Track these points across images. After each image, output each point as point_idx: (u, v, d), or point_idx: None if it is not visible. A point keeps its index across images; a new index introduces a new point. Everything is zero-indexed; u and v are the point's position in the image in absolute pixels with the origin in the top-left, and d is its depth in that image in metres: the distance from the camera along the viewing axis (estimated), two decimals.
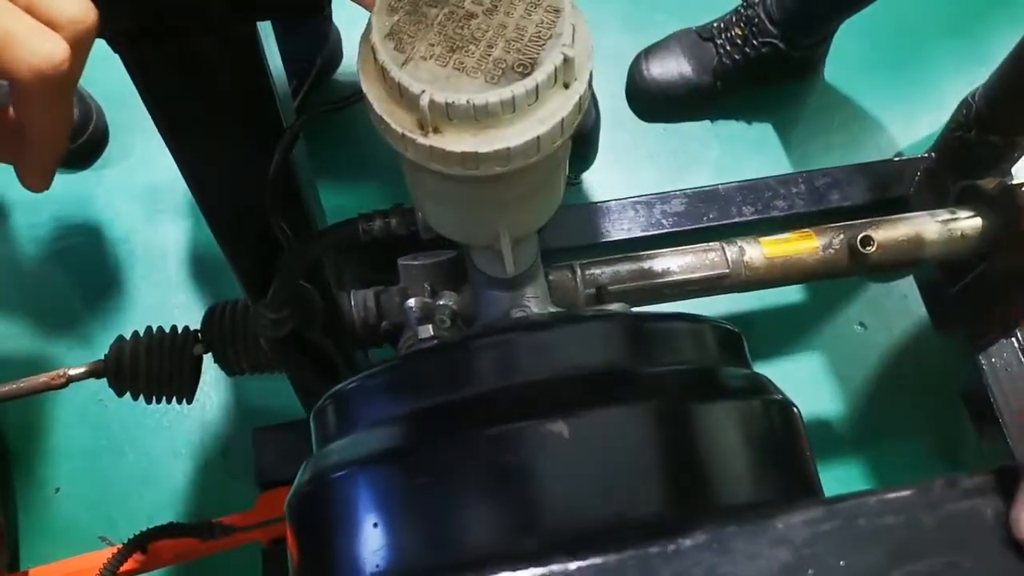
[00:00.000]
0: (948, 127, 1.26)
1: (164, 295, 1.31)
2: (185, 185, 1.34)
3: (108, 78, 1.44)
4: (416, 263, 0.99)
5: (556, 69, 0.39)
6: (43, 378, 0.88)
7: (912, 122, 1.49)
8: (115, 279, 1.33)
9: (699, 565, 0.27)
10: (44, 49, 0.31)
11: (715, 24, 1.45)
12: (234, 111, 0.46)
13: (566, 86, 0.40)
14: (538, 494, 0.36)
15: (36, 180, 0.35)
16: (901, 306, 1.38)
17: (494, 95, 0.38)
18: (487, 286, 0.51)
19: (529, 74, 0.39)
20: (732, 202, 1.18)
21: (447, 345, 0.44)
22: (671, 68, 1.45)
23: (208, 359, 0.95)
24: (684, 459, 0.36)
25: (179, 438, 1.27)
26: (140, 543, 0.91)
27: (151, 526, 1.09)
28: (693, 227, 1.17)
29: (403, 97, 0.39)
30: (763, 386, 0.43)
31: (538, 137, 0.40)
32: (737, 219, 1.17)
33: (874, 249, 1.00)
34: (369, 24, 0.41)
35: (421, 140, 0.40)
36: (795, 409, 0.44)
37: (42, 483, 1.22)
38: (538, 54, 0.39)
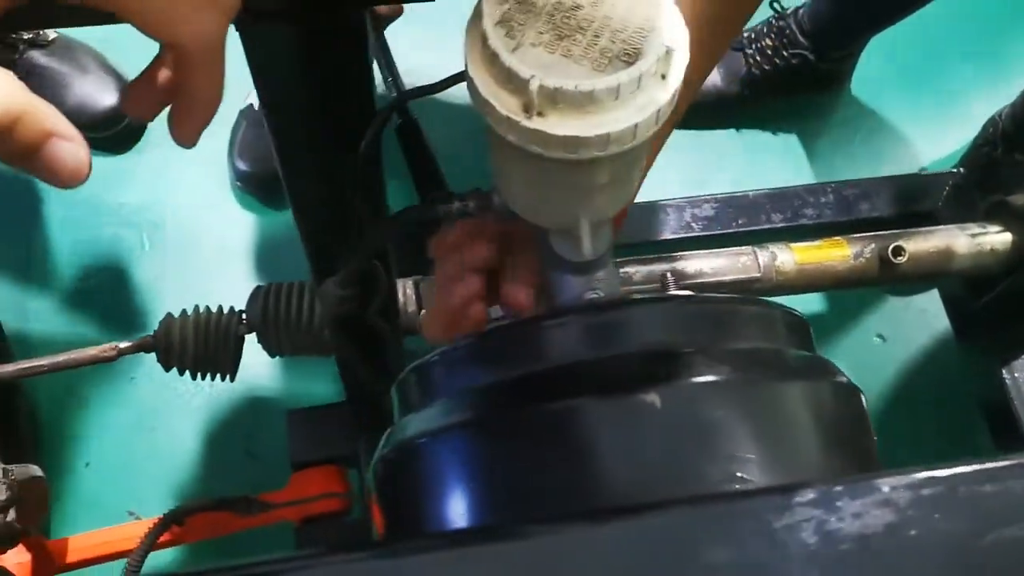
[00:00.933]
0: (975, 144, 1.29)
1: (199, 280, 1.33)
2: (226, 169, 1.36)
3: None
4: None
5: (658, 60, 0.41)
6: (93, 351, 0.90)
7: (936, 138, 1.52)
8: (151, 263, 1.35)
9: (809, 520, 0.29)
10: (203, 21, 0.34)
11: (745, 34, 1.48)
12: (336, 91, 0.48)
13: (663, 77, 0.42)
14: (636, 457, 0.38)
15: (189, 136, 0.38)
16: (920, 320, 1.40)
17: (601, 82, 0.40)
18: (562, 268, 0.54)
19: (633, 63, 0.41)
20: (761, 209, 1.21)
21: (538, 318, 0.46)
22: None
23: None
24: (771, 431, 0.38)
25: (205, 418, 1.29)
26: (180, 515, 0.93)
27: (181, 501, 1.11)
28: (722, 232, 1.20)
29: (510, 81, 0.41)
30: (834, 370, 0.45)
31: (636, 124, 0.42)
32: (766, 226, 1.20)
33: (905, 259, 1.02)
34: (478, 11, 0.43)
35: (525, 123, 0.42)
36: (861, 393, 0.46)
37: (73, 457, 1.24)
38: (641, 45, 0.41)
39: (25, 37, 1.31)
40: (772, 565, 0.29)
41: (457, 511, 0.42)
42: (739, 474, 0.36)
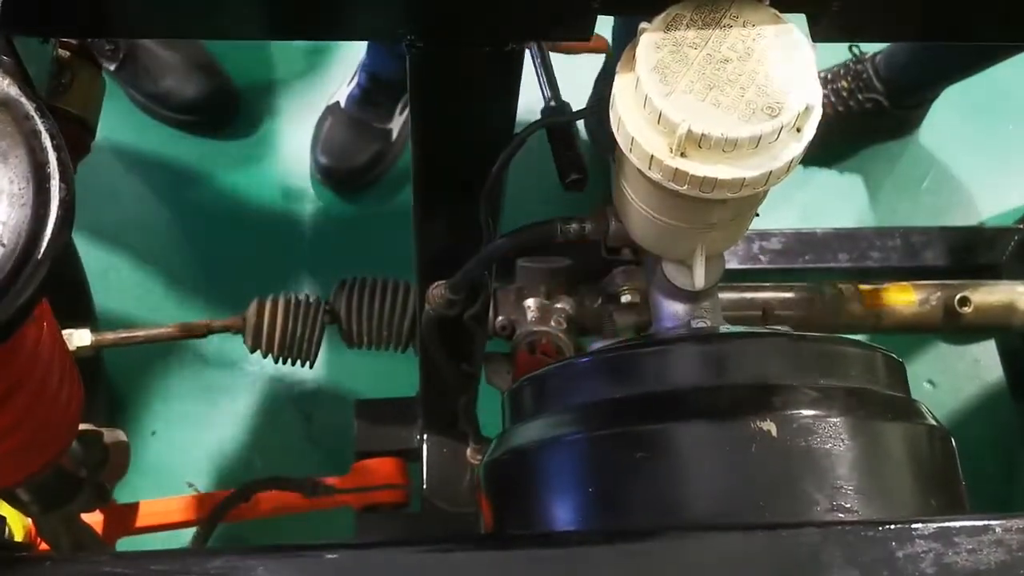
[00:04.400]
0: None
1: (275, 266, 1.38)
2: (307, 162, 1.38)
3: (246, 59, 1.50)
4: (535, 266, 1.06)
5: (798, 115, 0.45)
6: (187, 327, 0.95)
7: (1000, 191, 1.53)
8: (230, 247, 1.39)
9: (928, 552, 0.33)
10: None
11: (822, 74, 1.50)
12: (484, 116, 0.52)
13: (799, 130, 0.46)
14: (749, 478, 0.41)
15: None
16: (973, 370, 1.42)
17: (746, 131, 0.44)
18: (670, 296, 0.57)
19: (776, 116, 0.44)
20: (828, 247, 1.23)
21: (657, 342, 0.49)
22: None
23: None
24: (877, 465, 0.42)
25: (269, 400, 1.33)
26: (249, 490, 0.97)
27: (238, 478, 1.16)
28: (789, 266, 1.22)
29: (660, 123, 0.45)
30: (928, 413, 0.48)
31: (771, 171, 0.45)
32: (832, 264, 1.22)
33: (970, 310, 1.04)
34: (631, 54, 0.47)
35: (669, 162, 0.45)
36: (951, 438, 0.49)
37: (140, 426, 1.29)
38: (784, 100, 0.45)
39: None
40: None
41: (568, 516, 0.46)
42: (843, 503, 0.40)
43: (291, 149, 1.44)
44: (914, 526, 0.33)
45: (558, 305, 0.99)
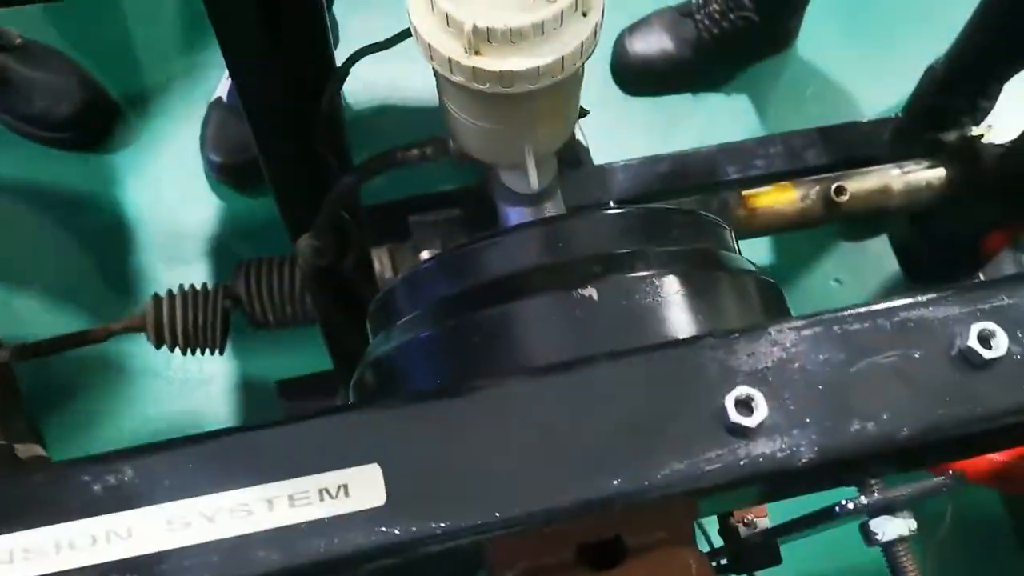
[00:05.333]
0: (915, 93, 1.35)
1: (182, 269, 1.38)
2: (199, 162, 1.39)
3: (119, 68, 1.49)
4: (428, 219, 1.07)
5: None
6: (85, 333, 0.95)
7: (881, 90, 1.58)
8: (134, 257, 1.39)
9: (712, 361, 0.35)
10: None
11: (694, 1, 1.54)
12: (298, 50, 0.53)
13: (584, 14, 0.48)
14: (578, 341, 0.43)
15: None
16: (875, 263, 1.47)
17: (527, 19, 0.46)
18: (512, 202, 0.59)
19: (555, 1, 0.47)
20: (716, 163, 1.27)
21: (486, 237, 0.51)
22: (653, 44, 1.53)
23: None
24: (695, 315, 0.44)
25: (197, 398, 1.33)
26: None
27: None
28: (681, 187, 1.26)
29: (450, 25, 0.47)
30: (752, 266, 0.51)
31: (563, 57, 0.48)
32: (721, 179, 1.26)
33: (847, 198, 1.09)
34: None
35: (465, 62, 0.47)
36: (778, 288, 0.52)
37: (70, 448, 1.28)
38: None
39: None
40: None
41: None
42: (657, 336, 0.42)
43: (180, 151, 1.44)
44: (700, 341, 0.36)
45: None
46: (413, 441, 0.35)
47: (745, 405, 0.34)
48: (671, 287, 0.46)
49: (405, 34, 0.57)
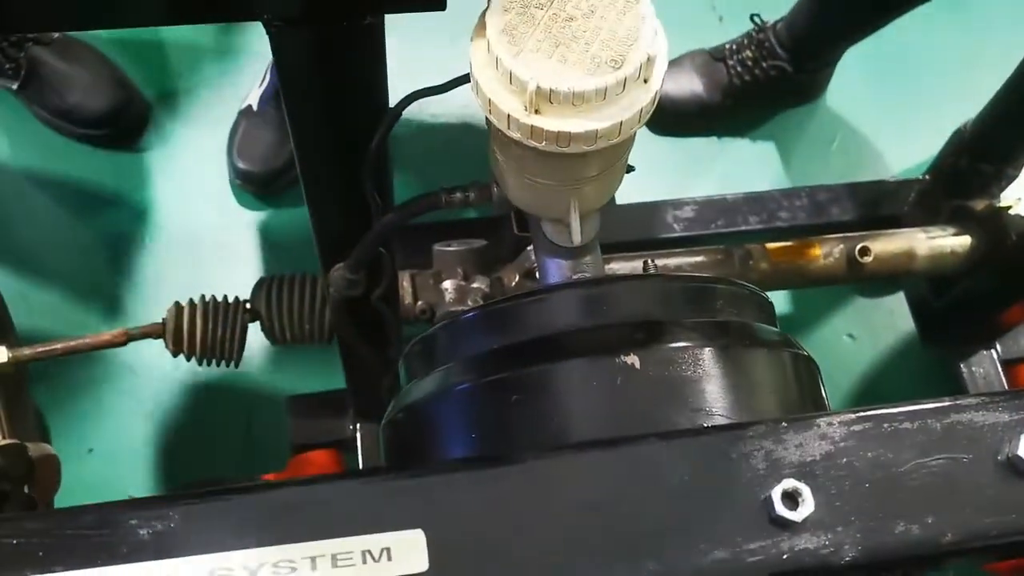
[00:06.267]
0: (941, 154, 1.36)
1: (201, 273, 1.38)
2: (225, 167, 1.40)
3: (153, 68, 1.51)
4: (450, 249, 1.08)
5: (640, 66, 0.48)
6: (105, 336, 0.96)
7: (907, 148, 1.59)
8: (154, 258, 1.39)
9: (760, 449, 0.35)
10: None
11: (727, 46, 1.54)
12: (353, 90, 0.54)
13: (645, 81, 0.49)
14: (617, 408, 0.44)
15: None
16: (888, 320, 1.47)
17: (591, 84, 0.47)
18: (552, 253, 0.60)
19: (620, 68, 0.47)
20: (739, 211, 1.27)
21: (531, 294, 0.52)
22: (683, 85, 1.54)
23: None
24: (737, 388, 0.44)
25: (205, 405, 1.33)
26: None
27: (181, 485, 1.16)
28: (702, 232, 1.26)
29: (512, 83, 0.47)
30: (793, 342, 0.51)
31: (621, 122, 0.48)
32: (743, 228, 1.26)
33: (871, 260, 1.09)
34: (483, 21, 0.49)
35: (524, 119, 0.48)
36: (815, 363, 0.52)
37: (76, 443, 1.28)
38: (627, 53, 0.47)
39: (29, 35, 1.36)
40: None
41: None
42: (704, 424, 0.42)
43: (207, 157, 1.44)
44: (749, 429, 0.36)
45: (474, 285, 1.02)
46: (458, 509, 0.35)
47: (792, 498, 0.35)
48: (713, 360, 0.46)
49: (462, 80, 0.57)
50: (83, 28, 0.52)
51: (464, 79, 0.54)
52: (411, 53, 1.34)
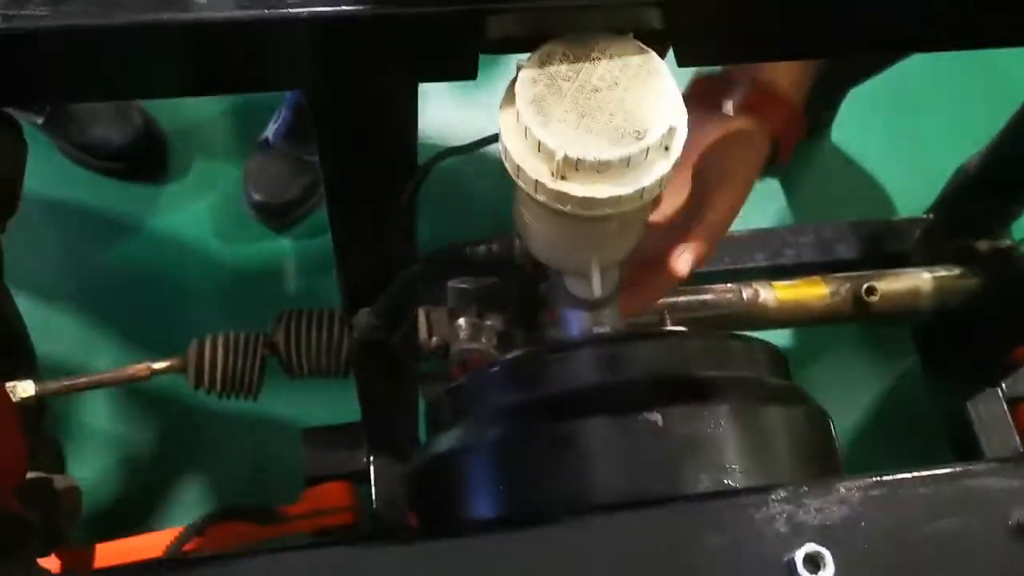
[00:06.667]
0: (944, 192, 1.38)
1: (216, 303, 1.40)
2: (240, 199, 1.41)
3: (172, 102, 1.53)
4: (465, 287, 1.10)
5: (662, 136, 0.50)
6: (129, 370, 0.97)
7: (910, 186, 1.61)
8: (163, 289, 1.42)
9: (782, 513, 0.37)
10: None
11: None
12: (384, 148, 0.56)
13: (667, 148, 0.51)
14: (640, 466, 0.46)
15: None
16: (891, 352, 1.48)
17: (615, 153, 0.49)
18: (572, 305, 0.62)
19: (642, 139, 0.49)
20: (745, 248, 1.29)
21: (555, 348, 0.54)
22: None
23: None
24: (756, 445, 0.46)
25: (217, 435, 1.35)
26: (205, 524, 1.00)
27: (193, 514, 1.17)
28: (709, 270, 1.28)
29: (540, 151, 0.50)
30: (806, 396, 0.53)
31: (643, 188, 0.50)
32: (750, 264, 1.28)
33: (877, 299, 1.11)
34: (512, 91, 0.51)
35: (551, 185, 0.50)
36: (829, 417, 0.54)
37: (92, 472, 1.30)
38: (649, 123, 0.50)
39: None
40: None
41: (485, 516, 0.50)
42: (726, 480, 0.44)
43: (223, 189, 1.47)
44: (771, 493, 0.38)
45: (488, 323, 1.03)
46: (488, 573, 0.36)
47: (813, 562, 0.37)
48: (734, 417, 0.48)
49: (491, 139, 0.60)
50: (115, 99, 0.54)
51: (491, 139, 0.57)
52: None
